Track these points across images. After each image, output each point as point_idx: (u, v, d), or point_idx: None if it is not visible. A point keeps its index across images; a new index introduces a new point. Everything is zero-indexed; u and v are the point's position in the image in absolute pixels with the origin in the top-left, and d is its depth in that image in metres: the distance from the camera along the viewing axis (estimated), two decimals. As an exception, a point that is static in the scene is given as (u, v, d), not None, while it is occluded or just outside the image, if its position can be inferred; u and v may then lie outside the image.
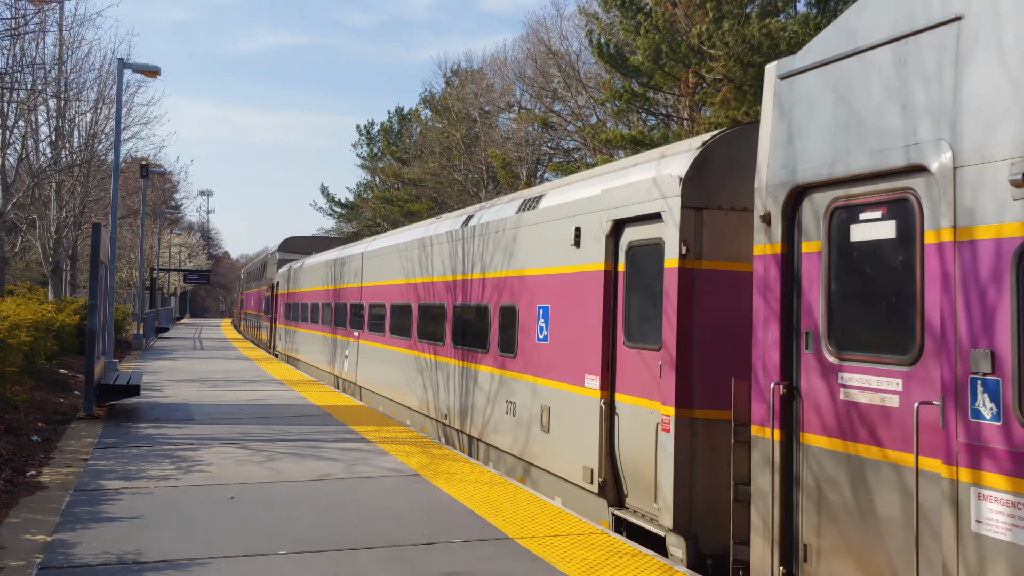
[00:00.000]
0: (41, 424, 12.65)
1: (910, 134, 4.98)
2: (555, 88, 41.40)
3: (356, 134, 70.04)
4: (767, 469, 5.91)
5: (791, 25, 22.59)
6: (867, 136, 5.30)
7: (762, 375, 6.01)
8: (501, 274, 11.07)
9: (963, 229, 4.60)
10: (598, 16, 35.38)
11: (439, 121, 51.42)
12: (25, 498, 8.20)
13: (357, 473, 9.77)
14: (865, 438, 5.21)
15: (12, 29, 18.45)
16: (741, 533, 6.38)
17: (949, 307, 4.65)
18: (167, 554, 6.51)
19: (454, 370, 12.70)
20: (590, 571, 6.35)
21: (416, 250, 15.05)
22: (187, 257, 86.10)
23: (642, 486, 7.68)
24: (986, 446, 4.40)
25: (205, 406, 15.52)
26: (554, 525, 7.64)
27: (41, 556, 6.39)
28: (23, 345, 12.72)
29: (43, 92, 27.18)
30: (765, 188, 6.12)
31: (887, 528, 5.06)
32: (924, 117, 4.90)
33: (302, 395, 17.73)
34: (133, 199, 39.69)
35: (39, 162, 29.06)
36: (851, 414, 5.31)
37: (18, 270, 44.80)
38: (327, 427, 13.24)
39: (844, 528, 5.36)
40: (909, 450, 4.88)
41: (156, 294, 50.62)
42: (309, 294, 26.26)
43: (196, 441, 11.64)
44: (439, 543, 7.03)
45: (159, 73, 22.34)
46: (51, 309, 19.84)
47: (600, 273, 8.46)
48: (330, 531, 7.30)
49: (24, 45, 24.92)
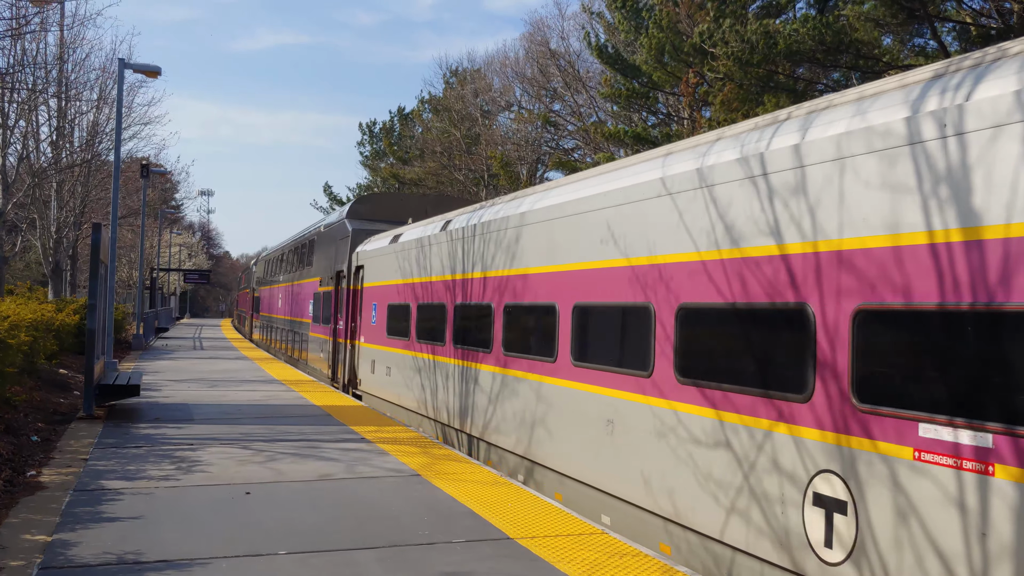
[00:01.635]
0: (41, 424, 12.64)
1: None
2: (555, 87, 41.40)
3: (359, 133, 69.89)
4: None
5: (791, 25, 22.58)
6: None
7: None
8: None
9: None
10: (603, 15, 35.42)
11: (439, 121, 51.44)
12: (25, 498, 8.19)
13: (357, 473, 9.77)
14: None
15: (13, 29, 18.46)
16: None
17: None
18: (167, 554, 6.51)
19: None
20: (590, 571, 6.35)
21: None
22: (187, 257, 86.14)
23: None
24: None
25: (205, 406, 15.51)
26: (554, 525, 7.64)
27: (41, 556, 6.38)
28: (23, 345, 12.71)
29: (44, 92, 27.20)
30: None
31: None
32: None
33: (302, 395, 17.73)
34: (133, 199, 39.69)
35: (39, 162, 29.06)
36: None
37: (18, 270, 44.83)
38: (327, 427, 13.24)
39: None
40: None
41: (156, 294, 50.62)
42: (459, 287, 13.07)
43: (196, 441, 11.63)
44: (439, 543, 7.03)
45: (159, 73, 22.36)
46: (51, 309, 19.84)
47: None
48: (331, 531, 7.30)
49: (25, 45, 24.94)
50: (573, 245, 9.29)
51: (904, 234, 5.19)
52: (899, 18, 20.84)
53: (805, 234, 5.93)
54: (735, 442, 6.44)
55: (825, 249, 5.76)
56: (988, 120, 4.76)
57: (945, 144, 4.98)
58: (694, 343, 7.15)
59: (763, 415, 6.18)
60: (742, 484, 6.32)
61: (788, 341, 6.04)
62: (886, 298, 5.27)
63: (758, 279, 6.31)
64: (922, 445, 4.97)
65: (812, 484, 5.68)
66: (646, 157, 8.59)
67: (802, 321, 5.87)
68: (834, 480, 5.52)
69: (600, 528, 7.62)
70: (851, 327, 5.48)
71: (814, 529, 5.64)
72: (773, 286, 6.15)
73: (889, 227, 5.29)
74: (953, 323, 4.88)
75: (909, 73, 5.72)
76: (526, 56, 43.79)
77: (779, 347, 6.18)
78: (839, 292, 5.61)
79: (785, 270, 6.04)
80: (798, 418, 5.87)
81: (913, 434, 5.02)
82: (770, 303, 6.19)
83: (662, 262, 7.57)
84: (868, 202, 5.43)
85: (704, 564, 6.79)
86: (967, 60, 5.26)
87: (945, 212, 4.96)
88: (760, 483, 6.14)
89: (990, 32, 20.47)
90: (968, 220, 4.82)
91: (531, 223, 10.50)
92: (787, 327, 6.04)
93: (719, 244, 6.78)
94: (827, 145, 5.78)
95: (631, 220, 8.14)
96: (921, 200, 5.09)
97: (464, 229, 12.83)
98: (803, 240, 5.96)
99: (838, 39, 21.15)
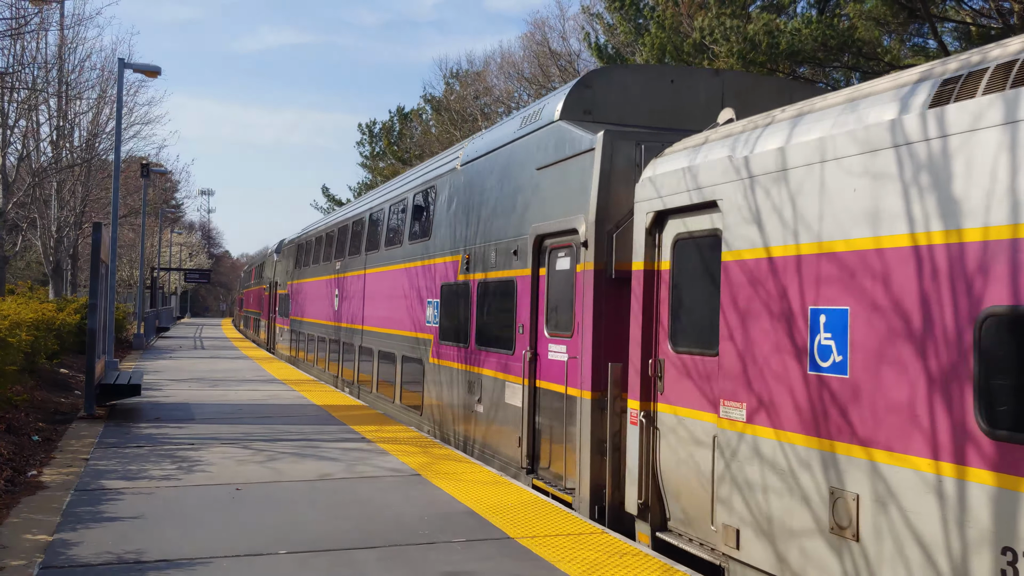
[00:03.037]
0: (42, 424, 12.65)
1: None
2: (555, 87, 41.43)
3: (359, 133, 69.83)
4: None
5: (792, 23, 22.58)
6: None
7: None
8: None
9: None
10: (602, 16, 35.43)
11: (440, 121, 51.45)
12: (26, 498, 8.20)
13: (357, 473, 9.77)
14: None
15: (13, 29, 18.47)
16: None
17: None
18: (168, 554, 6.52)
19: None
20: (590, 571, 6.36)
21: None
22: (188, 256, 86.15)
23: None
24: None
25: (206, 406, 15.52)
26: (554, 525, 7.64)
27: (42, 556, 6.39)
28: (24, 344, 12.72)
29: (44, 91, 27.21)
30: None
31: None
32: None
33: (303, 395, 17.73)
34: (134, 198, 39.69)
35: (40, 161, 29.07)
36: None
37: (19, 269, 44.85)
38: (328, 427, 13.24)
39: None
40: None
41: (157, 293, 50.65)
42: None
43: (197, 441, 11.64)
44: (439, 542, 7.04)
45: (159, 73, 22.36)
46: (52, 308, 19.84)
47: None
48: (331, 531, 7.30)
49: (25, 44, 24.95)
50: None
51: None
52: (900, 17, 20.84)
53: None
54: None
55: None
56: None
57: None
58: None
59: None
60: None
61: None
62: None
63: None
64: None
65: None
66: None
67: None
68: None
69: (600, 528, 7.63)
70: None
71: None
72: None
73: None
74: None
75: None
76: (524, 56, 43.83)
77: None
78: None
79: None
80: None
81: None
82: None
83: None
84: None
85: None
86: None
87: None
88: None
89: (990, 32, 20.47)
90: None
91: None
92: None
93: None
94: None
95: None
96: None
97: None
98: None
99: (842, 40, 21.13)
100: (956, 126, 5.00)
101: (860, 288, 5.48)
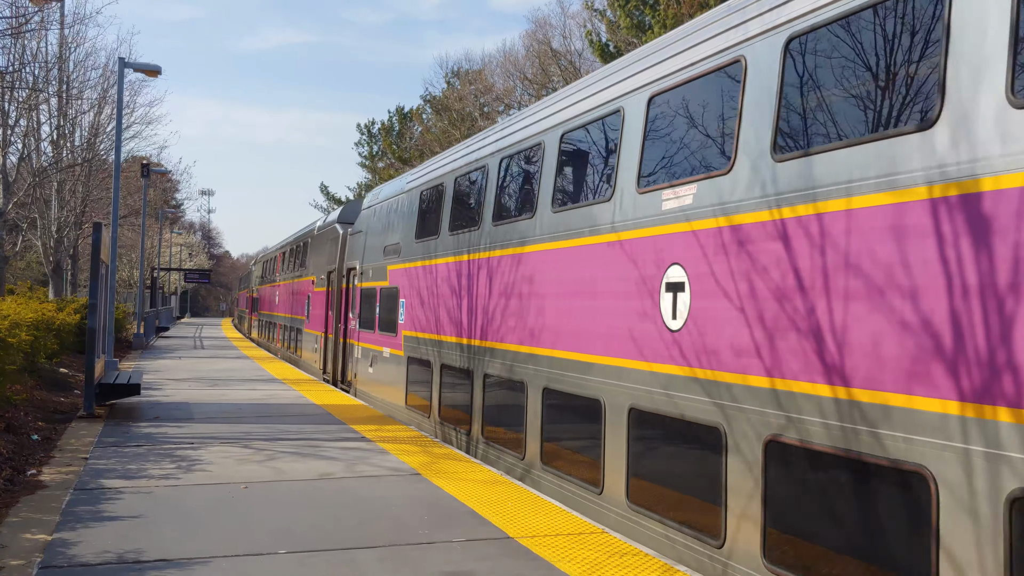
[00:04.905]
0: (41, 423, 12.65)
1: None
2: (556, 87, 41.40)
3: (358, 133, 69.93)
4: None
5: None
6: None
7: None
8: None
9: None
10: (605, 13, 35.41)
11: (440, 121, 51.45)
12: (25, 497, 8.20)
13: (357, 472, 9.77)
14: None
15: (13, 28, 18.46)
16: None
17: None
18: (168, 553, 6.51)
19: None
20: (590, 571, 6.35)
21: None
22: (188, 256, 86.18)
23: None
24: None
25: (205, 405, 15.52)
26: (554, 524, 7.64)
27: (41, 555, 6.39)
28: (23, 344, 12.72)
29: (44, 91, 27.20)
30: None
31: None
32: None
33: (302, 394, 17.73)
34: (134, 199, 39.69)
35: (40, 161, 29.06)
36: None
37: (19, 269, 44.83)
38: (328, 426, 13.24)
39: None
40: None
41: (157, 293, 50.63)
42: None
43: (197, 440, 11.64)
44: (439, 542, 7.03)
45: (159, 73, 22.33)
46: (52, 308, 19.85)
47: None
48: (331, 530, 7.30)
49: (25, 43, 24.94)
50: None
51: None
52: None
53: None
54: None
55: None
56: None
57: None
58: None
59: None
60: None
61: None
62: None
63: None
64: None
65: None
66: None
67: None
68: None
69: (600, 528, 7.62)
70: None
71: None
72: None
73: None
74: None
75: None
76: (526, 55, 43.80)
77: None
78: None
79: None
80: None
81: None
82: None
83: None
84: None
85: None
86: None
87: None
88: None
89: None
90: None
91: None
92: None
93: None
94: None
95: None
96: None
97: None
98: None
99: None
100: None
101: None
